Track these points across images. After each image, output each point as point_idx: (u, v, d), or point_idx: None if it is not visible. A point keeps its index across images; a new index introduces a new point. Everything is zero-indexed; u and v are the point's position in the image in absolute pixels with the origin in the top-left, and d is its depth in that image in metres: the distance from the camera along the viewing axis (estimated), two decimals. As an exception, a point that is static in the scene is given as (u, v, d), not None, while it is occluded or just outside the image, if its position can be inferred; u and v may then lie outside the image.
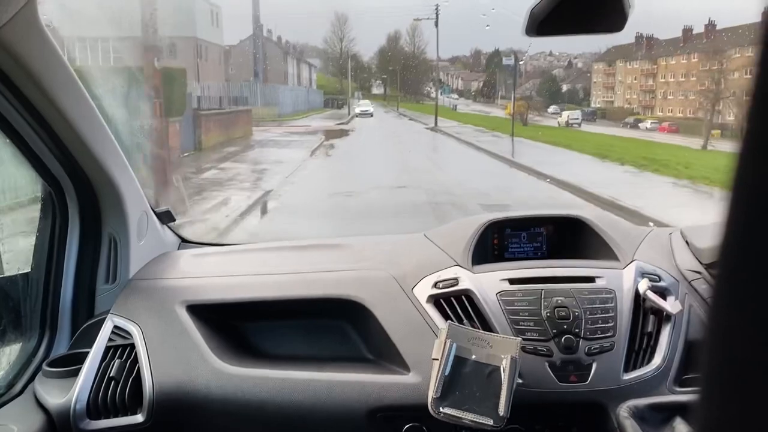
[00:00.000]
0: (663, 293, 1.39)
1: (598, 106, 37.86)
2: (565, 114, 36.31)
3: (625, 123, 30.42)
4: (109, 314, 1.49)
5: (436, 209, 8.70)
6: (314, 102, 38.73)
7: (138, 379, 1.36)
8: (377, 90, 53.41)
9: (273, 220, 8.89)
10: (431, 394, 1.18)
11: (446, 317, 1.36)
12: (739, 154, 0.28)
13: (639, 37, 34.44)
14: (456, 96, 48.97)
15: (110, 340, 1.44)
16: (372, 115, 32.82)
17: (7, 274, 1.53)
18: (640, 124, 29.73)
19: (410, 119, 32.80)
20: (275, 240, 1.91)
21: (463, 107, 43.46)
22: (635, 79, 35.20)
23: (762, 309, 0.27)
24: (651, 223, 3.28)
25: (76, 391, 1.34)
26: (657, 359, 1.31)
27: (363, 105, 35.51)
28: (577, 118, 35.75)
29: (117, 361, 1.39)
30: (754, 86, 0.27)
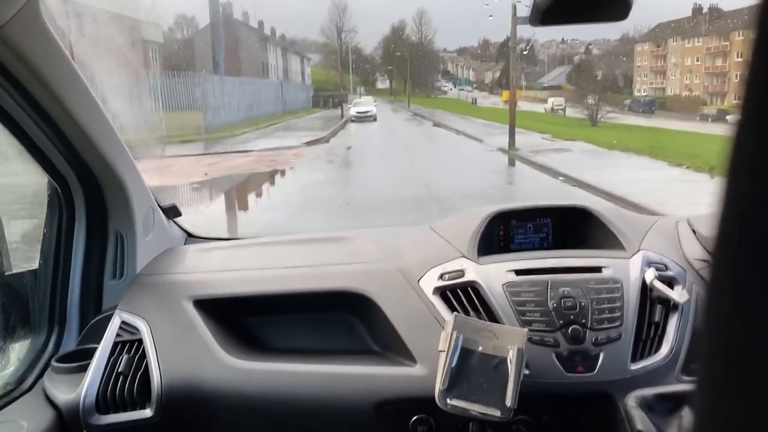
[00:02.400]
0: (670, 282, 1.38)
1: (646, 94, 30.82)
2: (551, 100, 33.39)
3: (703, 116, 24.24)
4: (117, 310, 1.50)
5: None
6: (296, 101, 28.67)
7: (146, 374, 1.37)
8: (382, 85, 49.17)
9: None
10: (438, 386, 1.18)
11: (452, 309, 1.36)
12: (735, 137, 0.27)
13: (697, 10, 27.37)
14: (470, 88, 45.03)
15: (118, 335, 1.44)
16: (375, 119, 23.50)
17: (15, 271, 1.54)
18: (728, 117, 23.24)
19: (435, 125, 22.73)
20: (281, 234, 1.91)
21: (481, 100, 39.39)
22: (697, 60, 28.43)
23: (759, 297, 0.26)
24: None
25: (85, 386, 1.35)
26: (665, 349, 1.30)
27: (362, 104, 24.95)
28: (561, 105, 32.97)
29: (125, 357, 1.40)
30: (751, 66, 0.26)
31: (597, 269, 1.40)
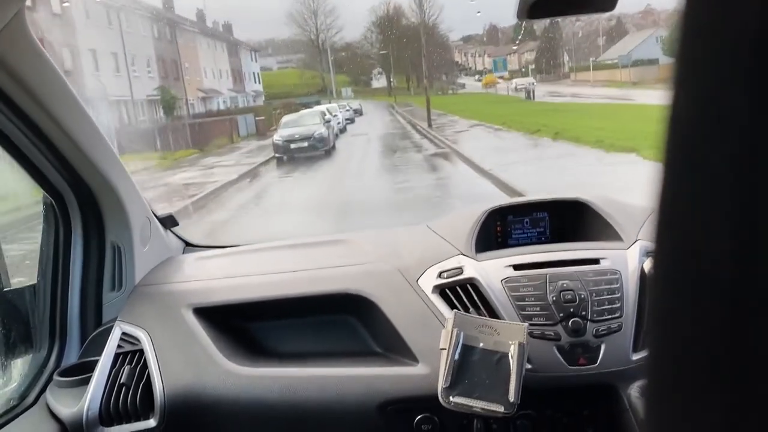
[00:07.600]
0: None
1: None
2: (514, 81, 28.81)
3: None
4: (117, 321, 1.50)
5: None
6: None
7: (148, 385, 1.37)
8: (378, 83, 39.89)
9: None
10: (441, 383, 1.17)
11: (452, 306, 1.35)
12: (669, 123, 0.26)
13: None
14: (498, 76, 35.18)
15: (119, 346, 1.44)
16: None
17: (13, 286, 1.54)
18: None
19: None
20: (278, 239, 1.91)
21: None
22: None
23: (698, 292, 0.25)
24: None
25: (88, 399, 1.35)
26: None
27: None
28: (524, 84, 28.04)
29: (127, 368, 1.40)
30: (677, 61, 0.25)
31: (595, 261, 1.39)
